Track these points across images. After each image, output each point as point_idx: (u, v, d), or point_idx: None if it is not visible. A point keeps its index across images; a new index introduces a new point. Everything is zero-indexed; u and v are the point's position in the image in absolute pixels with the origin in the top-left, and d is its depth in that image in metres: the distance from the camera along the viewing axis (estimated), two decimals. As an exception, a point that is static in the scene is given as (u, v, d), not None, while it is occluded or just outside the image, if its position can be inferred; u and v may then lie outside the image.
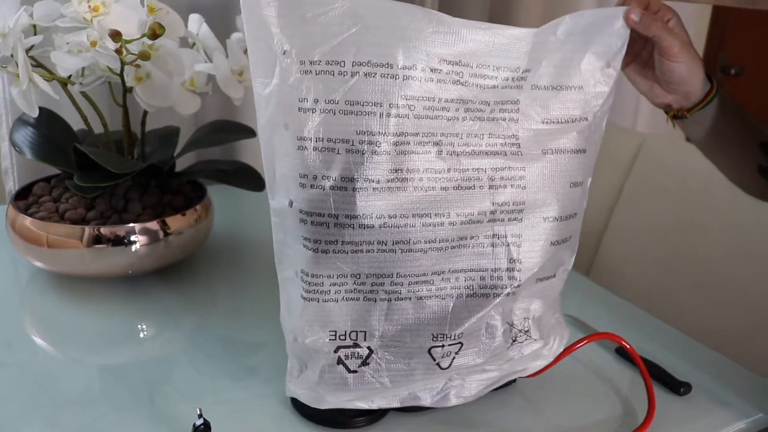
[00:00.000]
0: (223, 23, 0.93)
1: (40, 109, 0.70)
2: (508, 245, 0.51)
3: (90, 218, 0.73)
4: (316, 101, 0.46)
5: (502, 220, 0.51)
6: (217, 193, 0.85)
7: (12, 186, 1.01)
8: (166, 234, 0.74)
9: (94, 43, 0.67)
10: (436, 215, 0.49)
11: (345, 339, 0.51)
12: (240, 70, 0.77)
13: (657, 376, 0.62)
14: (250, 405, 0.58)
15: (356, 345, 0.51)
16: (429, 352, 0.51)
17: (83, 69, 0.73)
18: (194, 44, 0.79)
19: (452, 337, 0.51)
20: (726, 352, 0.69)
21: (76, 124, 0.80)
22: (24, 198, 0.78)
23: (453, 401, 0.54)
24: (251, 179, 0.82)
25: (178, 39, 0.72)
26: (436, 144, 0.48)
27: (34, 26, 0.69)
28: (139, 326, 0.72)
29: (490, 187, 0.50)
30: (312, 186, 0.47)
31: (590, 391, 0.62)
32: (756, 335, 0.89)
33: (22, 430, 0.54)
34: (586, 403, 0.61)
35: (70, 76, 0.71)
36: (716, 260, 0.96)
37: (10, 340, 0.67)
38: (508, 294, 0.52)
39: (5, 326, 0.69)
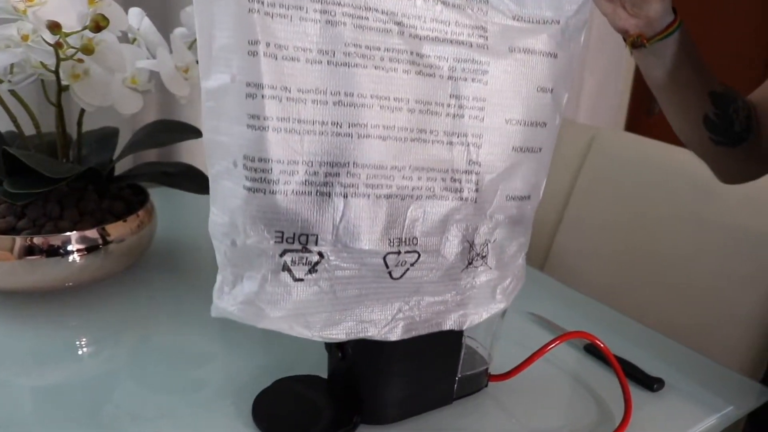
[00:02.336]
0: (165, 18, 0.88)
1: (-36, 109, 0.64)
2: (467, 145, 0.49)
3: (21, 227, 0.67)
4: None
5: (462, 116, 0.48)
6: (157, 197, 0.81)
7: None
8: (105, 242, 0.69)
9: (25, 37, 0.61)
10: (395, 99, 0.45)
11: (293, 242, 0.45)
12: (185, 66, 0.72)
13: (629, 373, 0.61)
14: (198, 419, 0.55)
15: (305, 249, 0.45)
16: (384, 259, 0.47)
17: (12, 66, 0.67)
18: (135, 39, 0.74)
19: (410, 243, 0.48)
20: (685, 346, 0.70)
21: (3, 125, 0.74)
22: (-54, 207, 0.71)
23: (400, 333, 0.50)
24: (197, 181, 0.78)
25: (120, 33, 0.67)
26: (398, 24, 0.45)
27: (-46, 19, 0.63)
28: (78, 343, 0.67)
29: (450, 77, 0.47)
30: (263, 54, 0.42)
31: (562, 392, 0.61)
32: (713, 328, 0.90)
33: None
34: (560, 404, 0.59)
35: (-4, 74, 0.65)
36: (672, 254, 0.97)
37: (-68, 363, 0.61)
38: (467, 199, 0.49)
39: (-73, 348, 0.63)
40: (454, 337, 0.55)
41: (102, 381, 0.60)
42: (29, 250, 0.65)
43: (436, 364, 0.55)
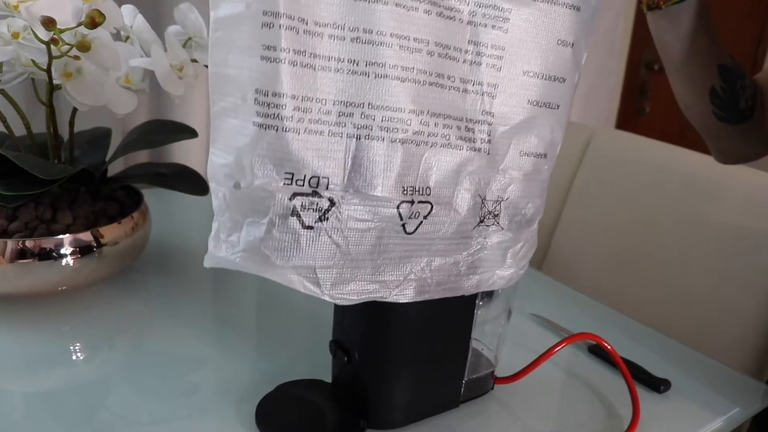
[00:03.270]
0: (158, 16, 0.87)
1: (-48, 108, 0.62)
2: (482, 94, 0.47)
3: (13, 230, 0.66)
4: None
5: (479, 64, 0.47)
6: (151, 198, 0.79)
7: None
8: (99, 245, 0.67)
9: (16, 35, 0.59)
10: (414, 40, 0.44)
11: (303, 185, 0.42)
12: (180, 65, 0.71)
13: (635, 374, 0.60)
14: (195, 425, 0.54)
15: (316, 194, 0.43)
16: (398, 208, 0.45)
17: (1, 64, 0.65)
18: (128, 37, 0.72)
19: (423, 193, 0.46)
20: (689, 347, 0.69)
21: (-8, 126, 0.72)
22: (-66, 210, 0.69)
23: (412, 295, 0.48)
24: (193, 182, 0.77)
25: (114, 30, 0.66)
26: None
27: (-58, 16, 0.62)
28: (71, 347, 0.65)
29: (470, 22, 0.46)
30: None
31: (568, 394, 0.61)
32: (712, 329, 0.90)
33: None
34: (566, 406, 0.59)
35: (-15, 72, 0.64)
36: (670, 254, 0.97)
37: None
38: (479, 150, 0.48)
39: None
40: (462, 337, 0.54)
41: (96, 386, 0.59)
42: (21, 254, 0.63)
43: (443, 367, 0.54)
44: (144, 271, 0.79)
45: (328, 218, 0.43)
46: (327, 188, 0.43)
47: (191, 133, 0.78)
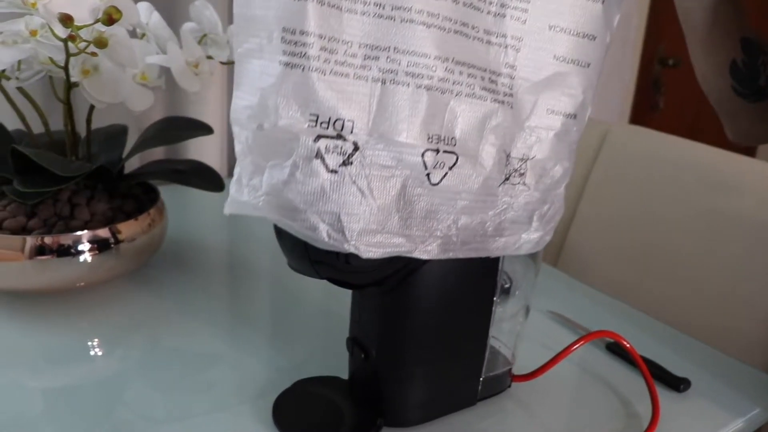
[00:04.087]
0: (173, 13, 0.87)
1: (-29, 106, 0.62)
2: (506, 47, 0.46)
3: (32, 227, 0.66)
4: None
5: (503, 16, 0.46)
6: (167, 195, 0.79)
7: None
8: (117, 241, 0.68)
9: (34, 33, 0.60)
10: None
11: (328, 128, 0.42)
12: (195, 61, 0.71)
13: (655, 373, 0.60)
14: (209, 420, 0.54)
15: (340, 137, 0.42)
16: (422, 156, 0.45)
17: (19, 62, 0.66)
18: (144, 35, 0.72)
19: (448, 142, 0.45)
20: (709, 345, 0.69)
21: (10, 123, 0.72)
22: (-46, 206, 0.69)
23: (436, 252, 0.47)
24: (209, 179, 0.77)
25: (130, 27, 0.66)
26: None
27: (-39, 15, 0.62)
28: (89, 343, 0.65)
29: None
30: None
31: (587, 392, 0.60)
32: (730, 327, 0.89)
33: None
34: (585, 405, 0.58)
35: (4, 71, 0.64)
36: (687, 250, 0.96)
37: (-58, 365, 0.59)
38: (503, 103, 0.47)
39: (-63, 350, 0.62)
40: (479, 335, 0.54)
41: (113, 382, 0.59)
42: (40, 250, 0.64)
43: (460, 364, 0.54)
44: (161, 267, 0.79)
45: (351, 162, 0.43)
46: (351, 132, 0.42)
47: (207, 130, 0.78)
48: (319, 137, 0.42)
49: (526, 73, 0.47)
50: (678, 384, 0.59)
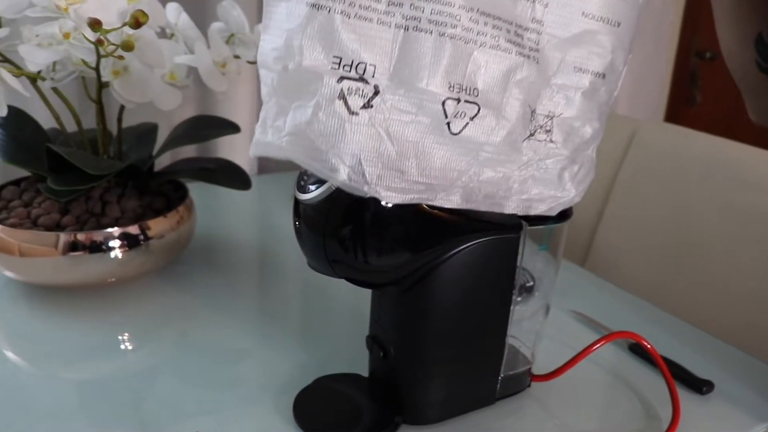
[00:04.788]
0: (202, 13, 0.88)
1: (8, 107, 0.64)
2: (533, 1, 0.46)
3: (65, 224, 0.68)
4: None
5: None
6: (196, 192, 0.81)
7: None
8: (146, 238, 0.69)
9: (67, 35, 0.61)
10: None
11: (350, 71, 0.43)
12: (223, 61, 0.72)
13: (677, 374, 0.59)
14: (238, 415, 0.55)
15: (362, 79, 0.43)
16: (443, 104, 0.45)
17: (54, 63, 0.68)
18: (173, 35, 0.74)
19: (470, 93, 0.45)
20: (735, 347, 0.67)
21: (46, 122, 0.74)
22: (-8, 203, 0.72)
23: (458, 201, 0.47)
24: (237, 177, 0.78)
25: (158, 29, 0.67)
26: None
27: (-1, 18, 0.64)
28: (120, 338, 0.67)
29: None
30: None
31: (606, 393, 0.60)
32: (760, 328, 0.88)
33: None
34: (604, 405, 0.58)
35: (39, 72, 0.66)
36: (717, 250, 0.95)
37: (-20, 357, 0.62)
38: (528, 57, 0.47)
39: (-25, 342, 0.64)
40: (498, 334, 0.54)
41: (144, 375, 0.61)
42: (73, 246, 0.66)
43: (479, 363, 0.54)
44: (189, 264, 0.81)
45: (372, 105, 0.43)
46: (373, 76, 0.43)
47: (234, 129, 0.80)
48: (342, 78, 0.42)
49: (553, 29, 0.47)
50: (701, 386, 0.59)
